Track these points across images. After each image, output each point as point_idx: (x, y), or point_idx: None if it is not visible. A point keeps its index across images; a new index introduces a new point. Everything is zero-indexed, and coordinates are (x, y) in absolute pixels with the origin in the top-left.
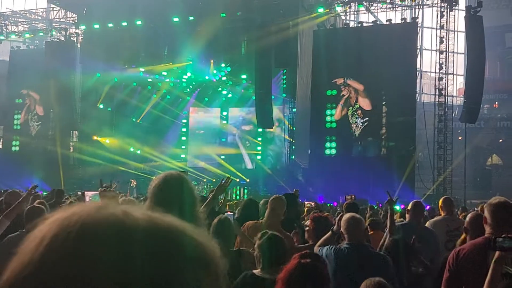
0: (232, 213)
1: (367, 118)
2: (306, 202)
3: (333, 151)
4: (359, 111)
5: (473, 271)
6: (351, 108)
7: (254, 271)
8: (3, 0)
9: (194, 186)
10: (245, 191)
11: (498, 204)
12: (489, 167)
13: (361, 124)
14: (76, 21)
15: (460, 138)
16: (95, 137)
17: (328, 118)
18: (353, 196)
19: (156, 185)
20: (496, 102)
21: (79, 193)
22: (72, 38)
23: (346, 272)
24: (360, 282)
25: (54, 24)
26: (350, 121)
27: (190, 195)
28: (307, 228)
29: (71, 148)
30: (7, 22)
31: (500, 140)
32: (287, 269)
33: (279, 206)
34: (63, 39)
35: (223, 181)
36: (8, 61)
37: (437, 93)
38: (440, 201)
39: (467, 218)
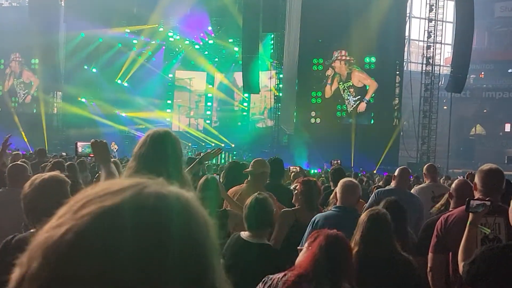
0: (217, 175)
1: (359, 96)
2: (291, 167)
3: (318, 120)
4: (351, 89)
5: (460, 236)
6: (342, 83)
7: (241, 233)
8: None
9: (180, 142)
10: (232, 156)
11: (489, 171)
12: (473, 137)
13: (353, 102)
14: None
15: (445, 107)
16: (79, 98)
17: (313, 94)
18: (338, 161)
19: (141, 142)
20: (482, 72)
21: (63, 153)
22: None
23: None
24: None
25: None
26: (343, 95)
27: (175, 151)
28: (296, 191)
29: (55, 109)
30: None
31: (485, 111)
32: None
33: (260, 168)
34: None
35: (212, 151)
36: None
37: (424, 61)
38: (424, 168)
39: (453, 185)
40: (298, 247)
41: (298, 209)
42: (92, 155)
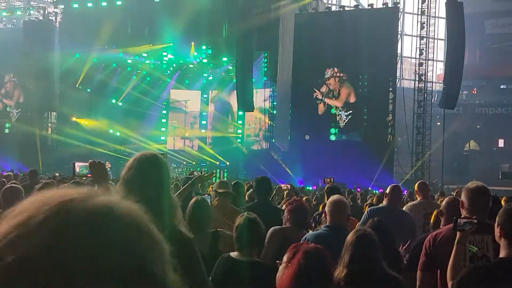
0: (208, 195)
1: (351, 111)
2: (282, 185)
3: (312, 136)
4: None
5: (449, 254)
6: (334, 99)
7: (232, 253)
8: None
9: (168, 166)
10: (225, 174)
11: (475, 189)
12: (467, 153)
13: (345, 117)
14: (54, 0)
15: (438, 123)
16: (73, 118)
17: (307, 111)
18: (332, 178)
19: (129, 166)
20: (475, 88)
21: (56, 174)
22: (50, 18)
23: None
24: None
25: (32, 3)
26: (335, 112)
27: (163, 174)
28: (285, 210)
29: (49, 129)
30: None
31: (478, 126)
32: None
33: (222, 189)
34: (41, 18)
35: (205, 174)
36: None
37: (417, 78)
38: (416, 185)
39: (444, 202)
40: (277, 261)
41: (287, 227)
42: (89, 176)
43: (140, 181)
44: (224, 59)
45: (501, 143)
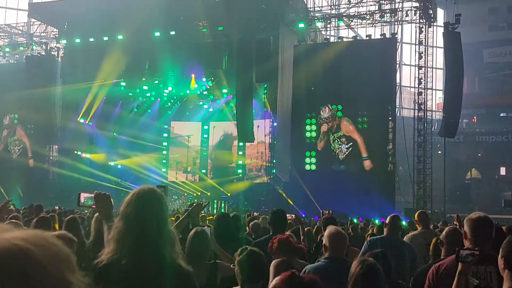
0: (209, 227)
1: (351, 143)
2: (287, 215)
3: (313, 166)
4: (343, 139)
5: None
6: (332, 134)
7: None
8: None
9: (166, 200)
10: (225, 206)
11: (478, 220)
12: (468, 181)
13: (345, 149)
14: (57, 35)
15: (439, 152)
16: (75, 151)
17: (308, 134)
18: (330, 211)
19: (127, 201)
20: (475, 117)
21: (56, 207)
22: (52, 53)
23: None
24: None
25: (34, 39)
26: (332, 146)
27: (161, 209)
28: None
29: (51, 162)
30: None
31: (479, 154)
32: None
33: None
34: (43, 53)
35: (202, 203)
36: None
37: (416, 107)
38: (416, 215)
39: (444, 232)
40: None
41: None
42: (94, 207)
43: (139, 216)
44: (224, 90)
45: (502, 171)
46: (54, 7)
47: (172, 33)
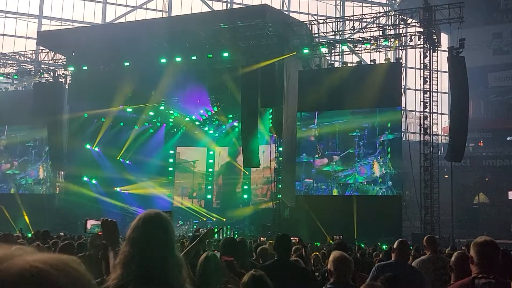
0: (218, 252)
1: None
2: (291, 238)
3: (320, 192)
4: None
5: None
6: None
7: None
8: None
9: (172, 225)
10: (232, 230)
11: (484, 244)
12: (476, 206)
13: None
14: (64, 62)
15: (446, 176)
16: (81, 177)
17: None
18: (341, 236)
19: (133, 226)
20: (481, 141)
21: (61, 233)
22: (60, 79)
23: None
24: None
25: (43, 66)
26: (337, 173)
27: (168, 234)
28: None
29: (57, 188)
30: None
31: (486, 179)
32: None
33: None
34: (51, 80)
35: (212, 228)
36: None
37: (422, 131)
38: (424, 240)
39: (453, 257)
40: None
41: None
42: (100, 233)
43: (145, 241)
44: (230, 116)
45: (510, 195)
46: (62, 35)
47: (178, 59)
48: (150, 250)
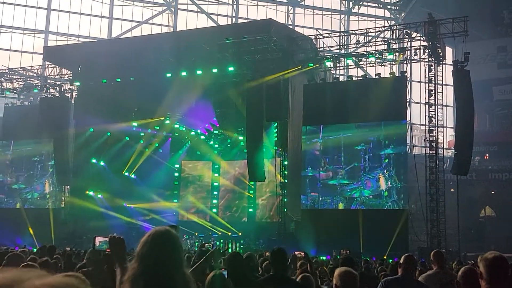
0: (225, 270)
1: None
2: (296, 253)
3: (325, 205)
4: None
5: None
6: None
7: None
8: None
9: (181, 243)
10: (238, 244)
11: (493, 259)
12: (483, 219)
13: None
14: (70, 77)
15: (452, 190)
16: (86, 192)
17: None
18: (347, 251)
19: (143, 242)
20: (487, 154)
21: (67, 248)
22: (66, 94)
23: None
24: None
25: (49, 81)
26: (343, 186)
27: (177, 250)
28: None
29: (63, 203)
30: (2, 79)
31: (492, 192)
32: None
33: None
34: (57, 95)
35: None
36: (1, 117)
37: (427, 145)
38: (431, 255)
39: (460, 272)
40: None
41: None
42: (108, 250)
43: (154, 258)
44: (235, 130)
45: None
46: (68, 50)
47: (183, 73)
48: (158, 267)
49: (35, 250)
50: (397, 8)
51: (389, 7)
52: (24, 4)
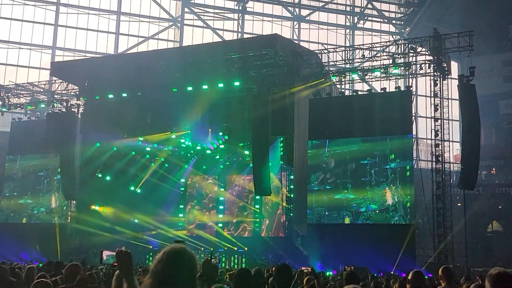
0: (228, 286)
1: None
2: (303, 268)
3: (331, 220)
4: None
5: None
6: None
7: None
8: (6, 73)
9: (196, 261)
10: (243, 259)
11: (498, 275)
12: (490, 234)
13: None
14: (77, 92)
15: (459, 204)
16: (93, 206)
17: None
18: (352, 267)
19: (158, 259)
20: (494, 169)
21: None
22: (73, 109)
23: None
24: None
25: (55, 96)
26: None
27: (191, 269)
28: None
29: (69, 218)
30: (9, 94)
31: (500, 206)
32: None
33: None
34: (64, 110)
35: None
36: (9, 132)
37: (434, 159)
38: (440, 270)
39: None
40: None
41: None
42: (115, 264)
43: (168, 275)
44: (241, 144)
45: None
46: (75, 66)
47: (189, 88)
48: (172, 284)
49: (40, 265)
50: (402, 23)
51: (394, 22)
52: (31, 21)
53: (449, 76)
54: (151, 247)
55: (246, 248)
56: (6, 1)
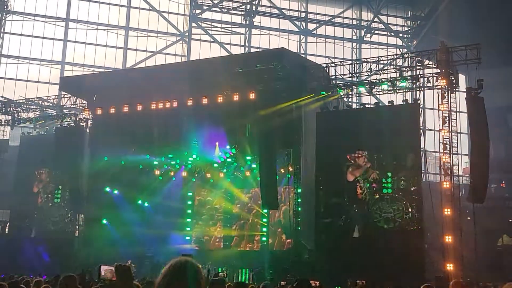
0: None
1: None
2: (311, 282)
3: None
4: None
5: None
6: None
7: None
8: (16, 88)
9: (201, 275)
10: (251, 274)
11: None
12: (501, 248)
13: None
14: (86, 107)
15: (468, 218)
16: (101, 220)
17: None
18: (364, 281)
19: (164, 272)
20: (503, 182)
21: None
22: (81, 123)
23: None
24: None
25: (65, 110)
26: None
27: (196, 282)
28: None
29: (77, 231)
30: (19, 109)
31: (510, 220)
32: None
33: None
34: (72, 124)
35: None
36: (18, 146)
37: (442, 172)
38: (450, 285)
39: None
40: None
41: None
42: (114, 279)
43: None
44: (248, 158)
45: None
46: (84, 80)
47: (197, 102)
48: None
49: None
50: (409, 36)
51: (400, 35)
52: (41, 36)
53: (457, 89)
54: (158, 261)
55: (253, 262)
56: (16, 18)
